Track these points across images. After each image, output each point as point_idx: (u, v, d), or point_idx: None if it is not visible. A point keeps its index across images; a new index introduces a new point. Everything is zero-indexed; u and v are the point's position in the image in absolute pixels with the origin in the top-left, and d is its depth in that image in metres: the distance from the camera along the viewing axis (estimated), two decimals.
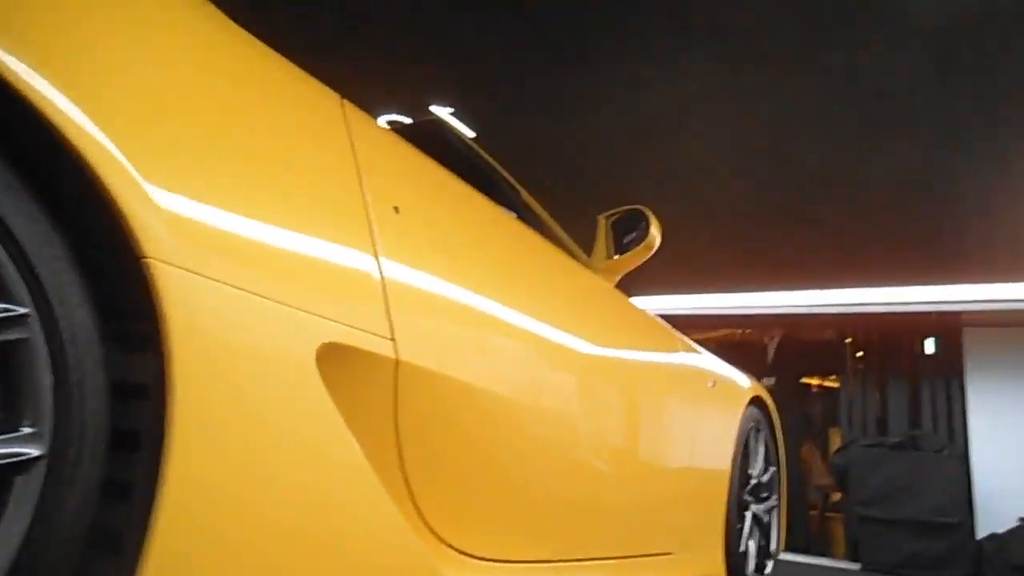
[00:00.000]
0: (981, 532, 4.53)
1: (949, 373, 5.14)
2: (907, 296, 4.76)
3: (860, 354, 5.73)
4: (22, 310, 0.57)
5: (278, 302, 0.77)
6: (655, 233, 1.78)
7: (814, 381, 7.01)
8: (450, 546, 1.04)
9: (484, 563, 1.11)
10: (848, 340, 5.84)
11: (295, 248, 0.82)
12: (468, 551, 1.08)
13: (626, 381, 1.66)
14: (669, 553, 1.82)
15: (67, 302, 0.60)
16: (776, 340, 6.58)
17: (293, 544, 0.78)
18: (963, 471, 4.67)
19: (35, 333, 0.58)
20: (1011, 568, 4.18)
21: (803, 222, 3.90)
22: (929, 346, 5.26)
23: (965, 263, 4.17)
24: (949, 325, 5.12)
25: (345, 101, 1.01)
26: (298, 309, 0.80)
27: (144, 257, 0.63)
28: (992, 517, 4.56)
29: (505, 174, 1.78)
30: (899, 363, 5.43)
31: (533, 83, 3.01)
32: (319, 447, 0.82)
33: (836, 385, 6.10)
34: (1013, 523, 4.41)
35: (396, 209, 1.00)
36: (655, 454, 1.77)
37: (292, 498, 0.78)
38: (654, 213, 1.84)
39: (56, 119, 0.59)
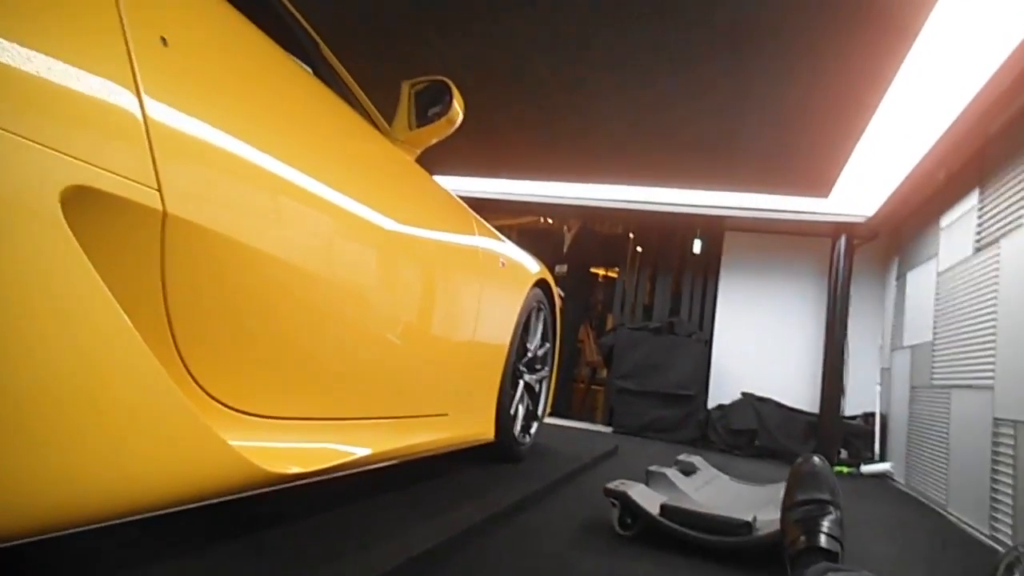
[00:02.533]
0: (712, 404, 5.42)
1: (708, 270, 5.89)
2: (685, 198, 5.27)
3: (639, 249, 6.32)
4: None
5: (14, 134, 0.67)
6: (458, 107, 1.76)
7: (600, 271, 7.64)
8: (219, 401, 1.04)
9: (255, 419, 1.11)
10: (631, 236, 6.40)
11: (33, 78, 0.71)
12: (238, 407, 1.07)
13: (415, 252, 1.69)
14: (444, 414, 1.96)
15: None
16: (573, 231, 7.03)
17: (43, 400, 0.73)
18: (706, 353, 5.47)
19: None
20: (729, 432, 5.09)
21: (600, 120, 4.09)
22: (696, 246, 5.94)
23: (734, 171, 4.68)
24: (714, 228, 5.80)
25: None
26: (39, 146, 0.70)
27: None
28: (722, 391, 5.46)
29: (304, 24, 1.64)
30: (669, 259, 6.09)
31: None
32: (66, 296, 0.76)
33: (615, 275, 6.71)
34: (737, 397, 5.32)
35: (163, 40, 0.89)
36: (439, 324, 1.85)
37: (38, 350, 0.72)
38: (460, 87, 1.82)
39: None
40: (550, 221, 7.21)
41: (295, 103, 1.26)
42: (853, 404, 5.12)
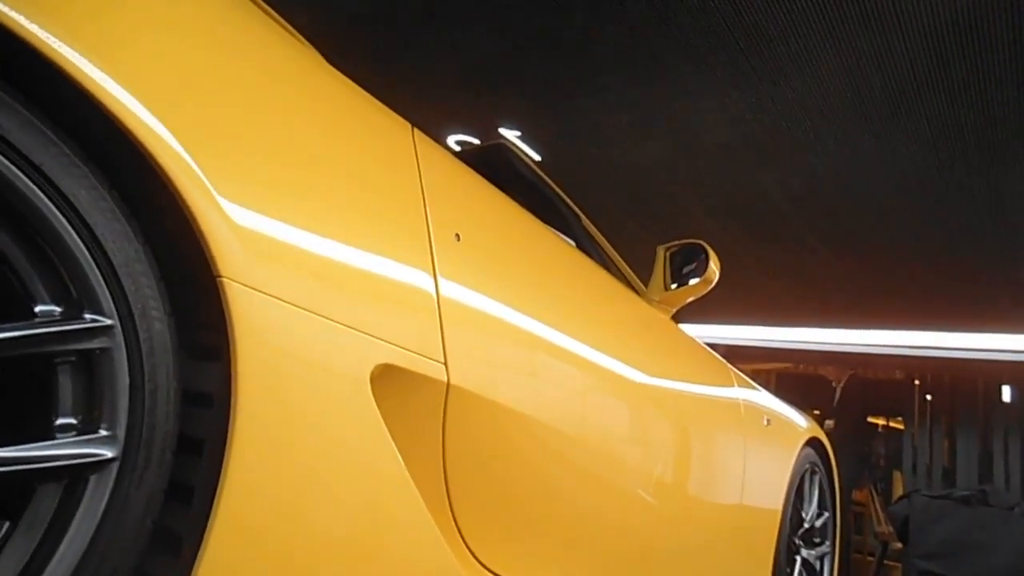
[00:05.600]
0: None
1: None
2: (982, 342, 4.53)
3: (929, 397, 5.47)
4: (108, 321, 0.62)
5: (339, 323, 0.81)
6: (714, 268, 1.76)
7: (879, 421, 6.74)
8: (485, 566, 1.06)
9: None
10: (916, 382, 5.60)
11: (358, 271, 0.86)
12: (499, 572, 1.09)
13: (678, 414, 1.65)
14: None
15: (148, 315, 0.64)
16: (842, 382, 6.36)
17: (337, 552, 0.81)
18: None
19: (117, 343, 0.62)
20: None
21: (868, 258, 3.77)
22: (1005, 394, 4.99)
23: None
24: None
25: (415, 130, 1.05)
26: (358, 330, 0.83)
27: (219, 276, 0.68)
28: None
29: (567, 199, 1.80)
30: (972, 411, 5.16)
31: (598, 111, 3.02)
32: (367, 462, 0.85)
33: (902, 427, 5.84)
34: None
35: (457, 236, 1.03)
36: (703, 490, 1.74)
37: (339, 508, 0.81)
38: (713, 242, 1.83)
39: (150, 145, 0.63)
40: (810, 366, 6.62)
41: (561, 278, 1.36)
42: None
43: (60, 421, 0.60)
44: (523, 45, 2.75)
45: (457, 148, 3.06)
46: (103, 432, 0.61)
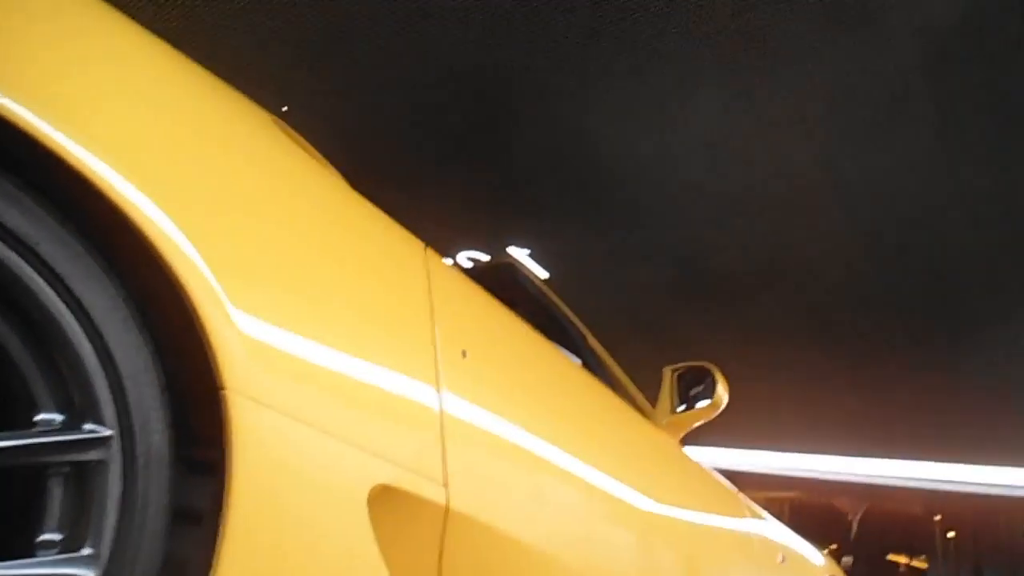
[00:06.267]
0: None
1: None
2: (1005, 477, 4.37)
3: (951, 534, 5.21)
4: (107, 432, 0.60)
5: (341, 439, 0.79)
6: (722, 391, 1.74)
7: (901, 559, 6.38)
8: None
9: None
10: (937, 517, 5.36)
11: (363, 387, 0.85)
12: None
13: (686, 547, 1.57)
14: None
15: (148, 427, 0.63)
16: (859, 515, 6.09)
17: None
18: None
19: (113, 455, 0.61)
20: None
21: (884, 388, 3.72)
22: None
23: None
24: None
25: (428, 248, 1.08)
26: (359, 448, 0.81)
27: (222, 389, 0.67)
28: None
29: (574, 319, 1.81)
30: (999, 548, 4.90)
31: (605, 234, 3.11)
32: None
33: (924, 566, 5.53)
34: None
35: (464, 353, 1.03)
36: None
37: None
38: (722, 367, 1.81)
39: (168, 253, 0.64)
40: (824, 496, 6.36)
41: (568, 398, 1.35)
42: None
43: (43, 537, 0.58)
44: (535, 170, 2.88)
45: (469, 264, 3.12)
46: (86, 551, 0.58)
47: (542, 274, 3.38)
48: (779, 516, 2.42)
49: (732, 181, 2.83)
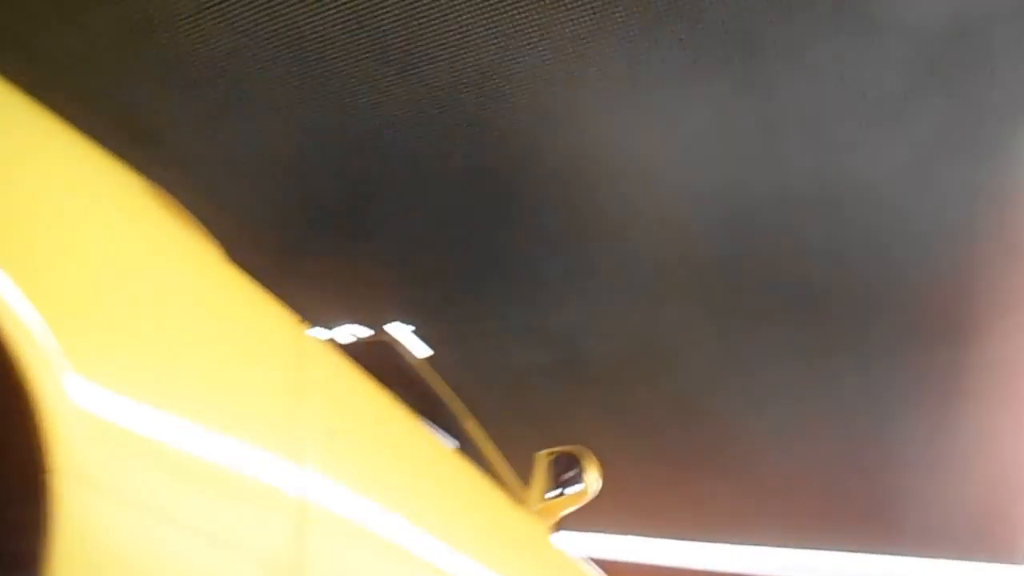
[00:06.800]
0: None
1: None
2: (903, 568, 4.42)
3: None
4: None
5: (188, 530, 0.74)
6: (594, 476, 1.76)
7: None
8: None
9: None
10: None
11: (219, 470, 0.80)
12: None
13: None
14: None
15: None
16: None
17: None
18: None
19: None
20: None
21: (754, 474, 3.90)
22: None
23: (924, 536, 4.08)
24: None
25: (303, 323, 1.05)
26: (208, 541, 0.76)
27: (48, 472, 0.61)
28: None
29: (450, 399, 1.80)
30: None
31: (491, 314, 3.16)
32: None
33: None
34: None
35: (331, 433, 0.99)
36: None
37: None
38: (596, 451, 1.84)
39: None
40: None
41: (436, 483, 1.32)
42: None
43: None
44: (424, 243, 2.89)
45: (351, 338, 3.05)
46: None
47: (425, 352, 3.36)
48: None
49: (607, 268, 2.95)
